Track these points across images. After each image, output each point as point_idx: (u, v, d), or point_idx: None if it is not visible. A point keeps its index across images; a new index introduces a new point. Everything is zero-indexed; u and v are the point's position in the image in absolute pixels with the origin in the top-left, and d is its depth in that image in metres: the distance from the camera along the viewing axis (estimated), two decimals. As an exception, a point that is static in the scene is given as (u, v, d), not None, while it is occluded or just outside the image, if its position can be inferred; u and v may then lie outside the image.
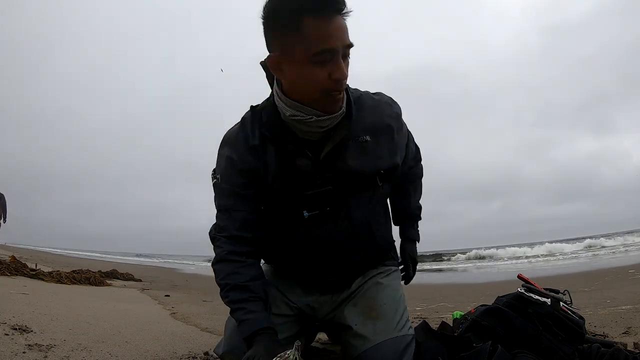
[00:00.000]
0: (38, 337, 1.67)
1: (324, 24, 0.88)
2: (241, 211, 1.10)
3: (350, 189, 1.11)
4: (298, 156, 1.06)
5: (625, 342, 1.43)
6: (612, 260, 8.57)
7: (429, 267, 13.12)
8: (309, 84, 0.95)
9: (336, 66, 0.92)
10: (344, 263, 1.20)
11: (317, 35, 0.89)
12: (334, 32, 0.89)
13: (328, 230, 1.13)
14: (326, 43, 0.89)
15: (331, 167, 1.08)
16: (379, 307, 1.19)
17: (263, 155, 1.08)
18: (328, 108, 1.00)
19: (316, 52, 0.90)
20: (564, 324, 1.19)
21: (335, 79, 0.93)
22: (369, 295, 1.22)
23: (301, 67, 0.93)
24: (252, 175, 1.09)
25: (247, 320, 1.03)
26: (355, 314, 1.19)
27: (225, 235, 1.11)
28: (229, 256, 1.09)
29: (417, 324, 1.38)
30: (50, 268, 5.43)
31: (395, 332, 1.14)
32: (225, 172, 1.11)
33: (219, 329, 2.33)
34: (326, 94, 0.96)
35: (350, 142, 1.08)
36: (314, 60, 0.91)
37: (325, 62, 0.92)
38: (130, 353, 1.66)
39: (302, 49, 0.91)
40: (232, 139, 1.12)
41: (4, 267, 4.14)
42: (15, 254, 6.28)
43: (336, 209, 1.11)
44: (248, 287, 1.06)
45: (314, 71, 0.93)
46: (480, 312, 1.31)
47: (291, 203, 1.10)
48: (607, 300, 2.88)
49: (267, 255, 1.30)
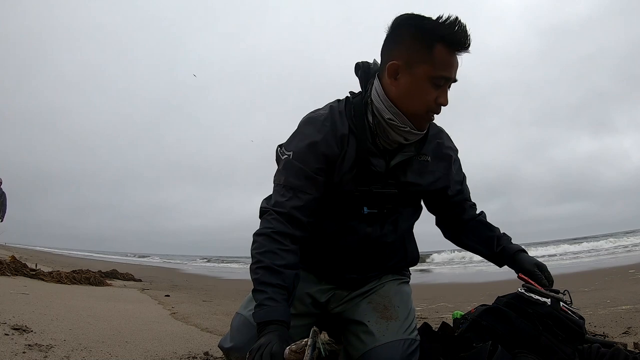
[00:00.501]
0: (38, 337, 1.67)
1: (451, 55, 1.04)
2: (307, 194, 1.11)
3: (405, 199, 1.21)
4: (375, 156, 1.14)
5: (625, 342, 1.44)
6: (612, 260, 8.57)
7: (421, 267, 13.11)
8: (419, 98, 1.07)
9: (444, 93, 1.07)
10: (376, 264, 1.27)
11: (444, 62, 1.04)
12: (454, 65, 1.06)
13: (376, 230, 1.20)
14: (447, 72, 1.05)
15: (396, 177, 1.17)
16: (393, 309, 1.22)
17: (346, 146, 1.13)
18: (420, 125, 1.11)
19: (437, 76, 1.04)
20: (564, 324, 1.19)
21: (439, 102, 1.08)
22: (385, 296, 1.25)
23: (418, 83, 1.06)
24: (329, 161, 1.13)
25: (266, 306, 0.99)
26: (370, 310, 1.22)
27: (281, 211, 1.09)
28: (274, 234, 1.07)
29: (418, 325, 1.38)
30: (50, 268, 5.44)
31: (406, 334, 1.16)
32: (302, 152, 1.12)
33: (219, 329, 2.33)
34: (427, 113, 1.09)
35: (415, 159, 1.18)
36: (432, 82, 1.05)
37: (438, 87, 1.06)
38: (130, 353, 1.66)
39: (426, 68, 1.04)
40: (320, 122, 1.14)
41: (4, 267, 4.14)
42: (15, 254, 6.28)
43: (390, 213, 1.19)
44: (280, 273, 1.03)
45: (428, 90, 1.06)
46: (480, 312, 1.31)
47: (356, 196, 1.15)
48: (607, 300, 2.88)
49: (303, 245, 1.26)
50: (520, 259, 1.30)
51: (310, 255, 1.25)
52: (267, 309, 0.99)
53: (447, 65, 1.04)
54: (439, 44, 1.02)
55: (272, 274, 1.02)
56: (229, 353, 1.18)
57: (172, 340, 1.97)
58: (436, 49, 1.02)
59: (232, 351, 1.16)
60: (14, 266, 4.28)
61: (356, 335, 1.19)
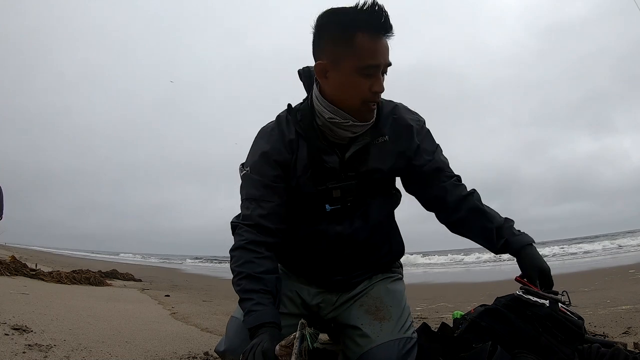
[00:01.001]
0: (38, 337, 1.67)
1: (373, 42, 1.00)
2: (269, 202, 1.14)
3: (369, 189, 1.18)
4: (327, 153, 1.14)
5: (625, 342, 1.44)
6: (612, 260, 8.57)
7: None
8: (352, 92, 1.06)
9: (377, 80, 1.04)
10: (357, 262, 1.23)
11: (367, 50, 1.00)
12: (380, 50, 1.02)
13: (346, 227, 1.18)
14: (373, 59, 1.01)
15: (354, 168, 1.16)
16: (385, 309, 1.21)
17: (296, 150, 1.16)
18: (362, 116, 1.09)
19: (364, 66, 1.02)
20: (563, 325, 1.19)
21: (374, 91, 1.04)
22: (376, 297, 1.24)
23: (347, 77, 1.04)
24: (283, 168, 1.16)
25: (255, 311, 1.02)
26: (362, 313, 1.21)
27: (249, 223, 1.13)
28: (248, 245, 1.11)
29: (417, 326, 1.38)
30: (50, 268, 5.45)
31: (401, 333, 1.16)
32: (257, 164, 1.17)
33: (219, 329, 2.33)
34: (364, 104, 1.07)
35: (372, 144, 1.16)
36: (361, 73, 1.03)
37: (369, 76, 1.03)
38: (130, 353, 1.66)
39: (351, 61, 1.02)
40: (268, 133, 1.19)
41: (4, 267, 4.14)
42: (15, 254, 6.28)
43: (356, 206, 1.17)
44: (262, 279, 1.07)
45: (358, 82, 1.04)
46: (479, 313, 1.31)
47: (316, 196, 1.16)
48: (607, 300, 2.88)
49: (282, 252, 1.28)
50: (523, 259, 1.17)
51: (293, 261, 1.29)
52: (255, 313, 1.02)
53: (372, 53, 1.01)
54: (359, 33, 1.00)
55: (254, 281, 1.06)
56: (224, 356, 1.19)
57: (172, 340, 1.97)
58: (357, 38, 1.00)
59: (226, 353, 1.18)
60: (14, 266, 4.29)
61: (351, 338, 1.19)
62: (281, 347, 0.91)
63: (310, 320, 1.27)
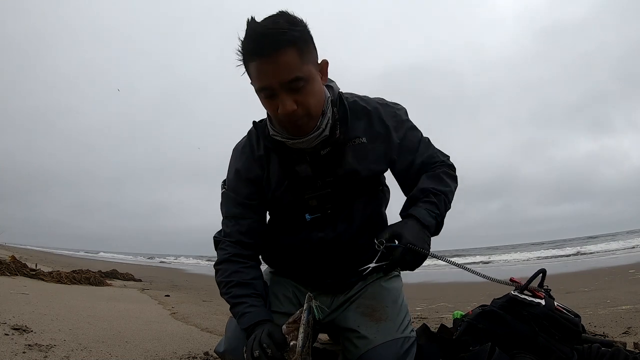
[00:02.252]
0: (38, 337, 1.67)
1: (259, 65, 0.96)
2: (247, 219, 1.19)
3: (350, 191, 1.17)
4: (298, 163, 1.13)
5: (625, 342, 1.44)
6: (612, 260, 8.57)
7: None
8: (269, 112, 1.06)
9: (280, 102, 0.99)
10: (346, 265, 1.22)
11: (255, 75, 0.99)
12: (268, 71, 0.96)
13: (329, 233, 1.18)
14: (262, 82, 0.98)
15: (331, 171, 1.14)
16: (381, 310, 1.20)
17: (267, 164, 1.17)
18: (294, 133, 1.06)
19: (257, 89, 1.01)
20: (559, 324, 1.19)
21: (281, 113, 1.00)
22: (371, 297, 1.23)
23: (260, 99, 1.04)
24: (256, 184, 1.18)
25: (249, 312, 1.07)
26: (358, 315, 1.21)
27: (231, 240, 1.18)
28: (233, 257, 1.17)
29: (417, 326, 1.38)
30: (50, 268, 5.44)
31: (398, 333, 1.16)
32: (232, 183, 1.21)
33: (219, 329, 2.33)
34: (281, 123, 1.04)
35: (348, 146, 1.14)
36: (262, 96, 1.02)
37: (271, 97, 1.00)
38: (130, 353, 1.66)
39: (253, 85, 1.02)
40: (240, 150, 1.22)
41: (4, 267, 4.13)
42: (15, 254, 6.28)
43: (337, 211, 1.17)
44: (251, 284, 1.13)
45: (266, 103, 1.03)
46: (476, 315, 1.32)
47: (293, 207, 1.17)
48: (607, 300, 2.88)
49: (271, 258, 1.33)
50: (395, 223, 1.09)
51: (284, 266, 1.31)
52: (250, 314, 1.07)
53: (259, 77, 0.98)
54: (247, 60, 0.99)
55: (244, 287, 1.12)
56: (224, 356, 1.20)
57: (172, 340, 1.97)
58: (249, 67, 1.00)
59: (226, 354, 1.18)
60: (14, 266, 4.28)
61: (350, 341, 1.19)
62: (288, 324, 0.95)
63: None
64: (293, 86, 0.98)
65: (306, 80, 0.99)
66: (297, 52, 0.96)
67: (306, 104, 1.00)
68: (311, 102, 1.01)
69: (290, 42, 0.94)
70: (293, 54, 0.95)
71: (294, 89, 0.98)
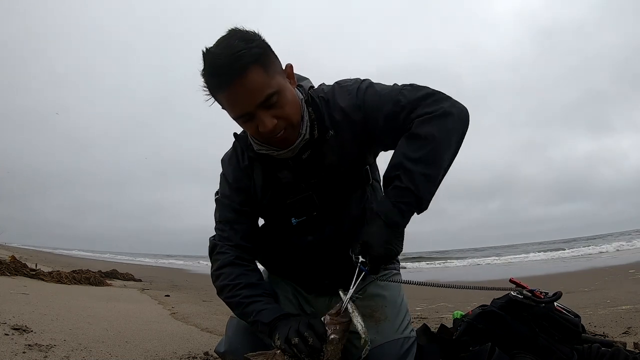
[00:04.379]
0: (38, 337, 1.67)
1: (229, 95, 0.95)
2: (242, 224, 1.20)
3: (337, 190, 1.14)
4: (280, 169, 1.13)
5: (625, 342, 1.44)
6: (612, 260, 8.57)
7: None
8: (249, 133, 1.06)
9: (259, 122, 0.97)
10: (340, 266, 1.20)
11: (228, 105, 0.98)
12: (240, 98, 0.94)
13: (317, 236, 1.17)
14: (237, 110, 0.97)
15: (314, 173, 1.12)
16: (381, 310, 1.20)
17: (252, 174, 1.18)
18: (279, 145, 1.05)
19: (235, 118, 1.01)
20: (559, 324, 1.20)
21: (260, 132, 0.99)
22: (369, 298, 1.23)
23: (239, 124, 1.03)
24: (245, 193, 1.20)
25: (267, 309, 1.06)
26: None
27: (231, 244, 1.18)
28: (237, 261, 1.16)
29: (417, 326, 1.38)
30: (50, 268, 5.43)
31: (398, 334, 1.15)
32: (225, 191, 1.22)
33: (219, 329, 2.33)
34: (265, 140, 1.04)
35: (324, 143, 1.10)
36: (240, 122, 1.01)
37: (249, 120, 0.98)
38: (130, 353, 1.66)
39: (229, 114, 1.01)
40: (227, 161, 1.23)
41: (4, 267, 4.13)
42: (15, 254, 6.28)
43: (324, 214, 1.15)
44: (261, 285, 1.14)
45: (247, 126, 1.02)
46: (476, 315, 1.32)
47: (279, 213, 1.18)
48: (607, 300, 2.88)
49: (266, 261, 1.33)
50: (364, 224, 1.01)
51: (280, 269, 1.32)
52: (269, 310, 1.06)
53: (232, 106, 0.97)
54: (215, 94, 0.98)
55: (254, 288, 1.12)
56: (225, 356, 1.19)
57: (172, 340, 1.97)
58: (218, 98, 0.98)
59: (227, 354, 1.18)
60: (14, 266, 4.28)
61: (350, 342, 1.18)
62: (332, 316, 0.96)
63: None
64: (267, 104, 0.96)
65: (278, 93, 0.97)
66: (262, 68, 0.93)
67: (285, 115, 0.99)
68: (290, 112, 1.00)
69: (251, 62, 0.91)
70: (258, 73, 0.93)
71: (269, 106, 0.96)
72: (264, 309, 1.07)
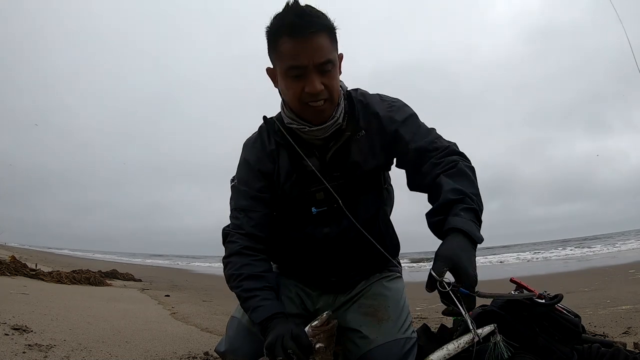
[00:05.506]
0: (38, 337, 1.67)
1: (295, 44, 1.00)
2: (257, 212, 1.18)
3: (357, 187, 1.17)
4: (307, 157, 1.14)
5: (625, 342, 1.44)
6: (612, 260, 8.57)
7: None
8: (289, 94, 1.07)
9: (308, 81, 1.02)
10: (350, 262, 1.23)
11: (288, 53, 1.02)
12: (303, 51, 1.00)
13: (334, 228, 1.18)
14: (296, 60, 1.01)
15: (339, 166, 1.15)
16: (383, 310, 1.20)
17: (277, 159, 1.19)
18: (312, 119, 1.09)
19: (288, 67, 1.03)
20: (559, 324, 1.19)
21: (307, 92, 1.03)
22: (373, 298, 1.23)
23: (283, 79, 1.07)
24: (267, 178, 1.19)
25: (262, 306, 1.06)
26: (360, 315, 1.21)
27: (242, 232, 1.17)
28: (244, 250, 1.15)
29: (417, 326, 1.38)
30: (50, 268, 5.44)
31: (400, 334, 1.16)
32: (243, 176, 1.22)
33: (219, 329, 2.33)
34: (305, 105, 1.06)
35: (353, 142, 1.15)
36: (289, 75, 1.04)
37: (299, 77, 1.03)
38: (130, 353, 1.66)
39: (281, 65, 1.05)
40: (251, 145, 1.24)
41: (4, 267, 4.14)
42: (15, 254, 6.28)
43: (344, 206, 1.15)
44: (263, 277, 1.12)
45: (291, 84, 1.05)
46: (476, 315, 1.31)
47: (301, 200, 1.18)
48: (607, 300, 2.88)
49: (276, 255, 1.32)
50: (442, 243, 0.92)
51: (288, 264, 1.31)
52: (263, 308, 1.05)
53: (293, 55, 1.01)
54: (280, 38, 1.02)
55: (256, 280, 1.10)
56: (225, 356, 1.19)
57: (172, 340, 1.97)
58: (280, 44, 1.02)
59: (227, 354, 1.18)
60: (14, 266, 4.28)
61: (351, 340, 1.19)
62: (314, 328, 0.95)
63: (309, 321, 1.29)
64: (323, 68, 1.02)
65: (334, 64, 1.05)
66: (330, 37, 1.03)
67: (331, 87, 1.05)
68: (334, 87, 1.07)
69: (325, 27, 1.02)
70: (327, 39, 1.02)
71: (323, 71, 1.03)
72: (259, 306, 1.06)
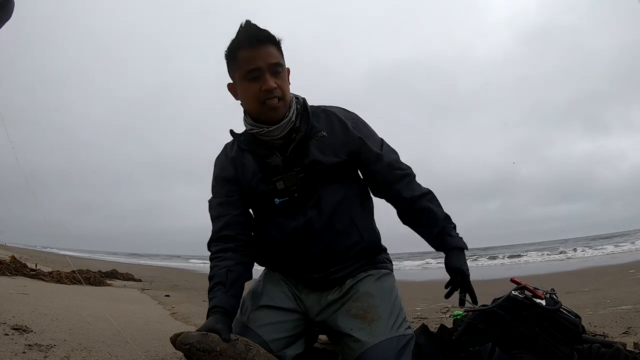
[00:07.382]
0: (38, 337, 1.67)
1: (251, 51, 1.19)
2: (226, 215, 1.28)
3: (318, 179, 1.25)
4: (269, 156, 1.26)
5: (625, 342, 1.44)
6: (612, 260, 8.57)
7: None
8: (248, 96, 1.22)
9: (264, 80, 1.19)
10: (325, 256, 1.24)
11: (246, 60, 1.20)
12: (257, 56, 1.19)
13: (300, 219, 1.24)
14: (252, 64, 1.19)
15: (299, 162, 1.25)
16: (373, 310, 1.19)
17: (241, 161, 1.31)
18: (269, 116, 1.22)
19: (246, 72, 1.20)
20: (560, 324, 1.20)
21: (264, 89, 1.19)
22: (362, 298, 1.22)
23: (241, 85, 1.23)
24: (233, 182, 1.31)
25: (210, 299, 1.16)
26: (350, 318, 1.20)
27: (214, 238, 1.28)
28: (214, 255, 1.26)
29: (416, 327, 1.38)
30: (50, 268, 5.43)
31: (392, 332, 1.15)
32: (213, 189, 1.35)
33: (219, 329, 2.33)
34: (262, 104, 1.21)
35: (312, 140, 1.27)
36: (247, 78, 1.20)
37: (256, 78, 1.19)
38: (130, 353, 1.66)
39: (239, 72, 1.22)
40: (216, 160, 1.39)
41: (4, 267, 4.13)
42: (15, 254, 6.27)
43: (305, 197, 1.24)
44: (214, 276, 1.20)
45: (249, 86, 1.21)
46: (476, 315, 1.32)
47: (266, 193, 1.26)
48: (607, 300, 2.89)
49: (259, 253, 1.34)
50: (448, 259, 1.28)
51: (271, 261, 1.36)
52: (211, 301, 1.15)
53: (249, 60, 1.19)
54: (239, 50, 1.20)
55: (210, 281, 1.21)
56: None
57: (172, 340, 1.97)
58: (238, 54, 1.21)
59: None
60: (14, 266, 4.28)
61: (346, 344, 1.19)
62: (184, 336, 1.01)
63: (307, 320, 1.28)
64: (275, 69, 1.20)
65: (283, 69, 1.23)
66: (277, 49, 1.22)
67: (282, 87, 1.21)
68: (286, 88, 1.23)
69: (273, 40, 1.21)
70: (275, 49, 1.22)
71: (275, 72, 1.20)
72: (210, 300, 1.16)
